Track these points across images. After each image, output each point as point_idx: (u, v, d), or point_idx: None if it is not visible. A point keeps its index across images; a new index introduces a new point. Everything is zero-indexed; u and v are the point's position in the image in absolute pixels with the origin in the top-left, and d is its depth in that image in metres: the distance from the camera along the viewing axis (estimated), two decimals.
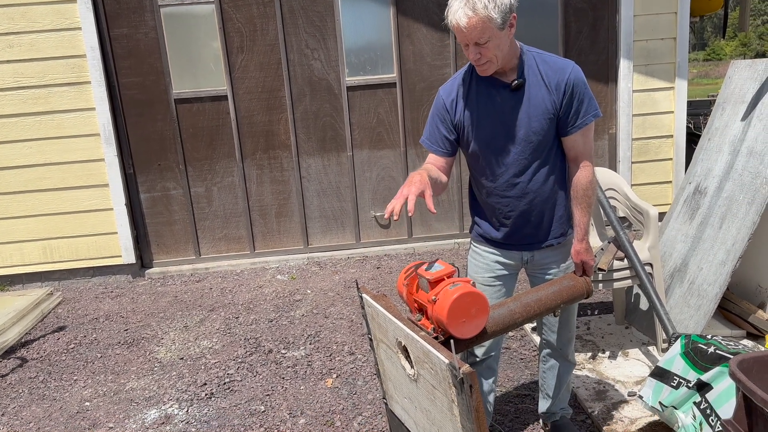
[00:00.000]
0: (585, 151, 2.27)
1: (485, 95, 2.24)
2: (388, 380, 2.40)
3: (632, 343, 3.58)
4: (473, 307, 1.93)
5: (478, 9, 2.00)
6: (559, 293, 2.26)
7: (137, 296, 5.02)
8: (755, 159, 3.31)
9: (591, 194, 2.28)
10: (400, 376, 2.21)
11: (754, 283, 3.55)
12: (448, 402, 1.83)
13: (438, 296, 1.94)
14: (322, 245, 5.69)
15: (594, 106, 2.23)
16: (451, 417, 1.85)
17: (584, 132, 2.24)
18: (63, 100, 5.06)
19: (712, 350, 2.39)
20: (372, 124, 5.50)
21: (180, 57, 5.24)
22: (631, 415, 2.86)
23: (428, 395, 1.99)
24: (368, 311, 2.31)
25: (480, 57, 2.10)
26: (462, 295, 1.90)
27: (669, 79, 5.41)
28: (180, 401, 3.34)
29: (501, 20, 2.03)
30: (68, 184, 5.18)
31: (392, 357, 2.20)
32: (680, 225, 3.75)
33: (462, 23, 2.02)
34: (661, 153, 5.57)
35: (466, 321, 1.93)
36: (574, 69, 2.20)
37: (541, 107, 2.20)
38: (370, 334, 2.37)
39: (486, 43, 2.06)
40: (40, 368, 3.85)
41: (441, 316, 1.91)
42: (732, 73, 3.78)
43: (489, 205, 2.38)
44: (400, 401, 2.32)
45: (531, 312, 2.20)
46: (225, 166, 5.47)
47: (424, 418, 2.12)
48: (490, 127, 2.25)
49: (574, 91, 2.18)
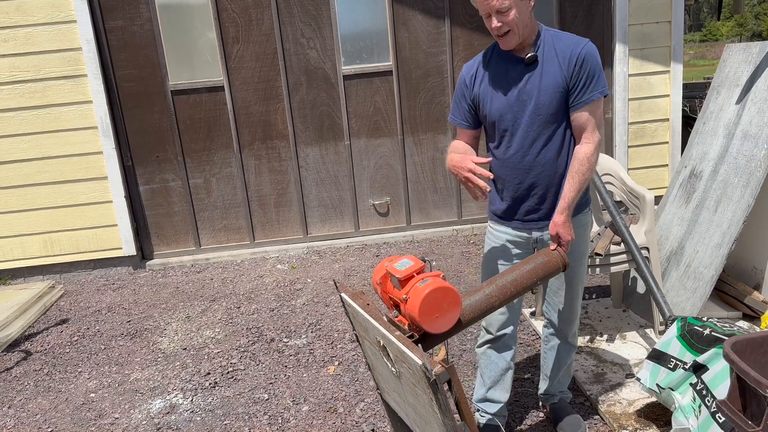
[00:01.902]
0: (591, 126, 2.27)
1: (502, 69, 2.34)
2: (377, 374, 2.42)
3: (629, 326, 3.62)
4: (444, 302, 1.93)
5: None
6: (534, 271, 2.23)
7: (139, 288, 5.05)
8: (750, 142, 3.33)
9: (584, 170, 2.26)
10: (385, 372, 2.21)
11: (749, 264, 3.59)
12: (428, 399, 1.84)
13: (409, 294, 1.93)
14: (321, 234, 5.72)
15: (603, 83, 2.27)
16: (433, 413, 1.86)
17: (591, 108, 2.25)
18: (60, 93, 5.06)
19: (708, 332, 2.42)
20: (369, 113, 5.51)
21: (176, 48, 5.24)
22: (629, 397, 2.91)
23: (411, 392, 2.00)
24: (349, 309, 2.32)
25: (501, 26, 2.19)
26: (432, 291, 1.90)
27: (664, 62, 5.42)
28: (184, 391, 3.39)
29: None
30: (67, 177, 5.20)
31: (376, 353, 2.21)
32: (676, 209, 3.78)
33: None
34: (657, 137, 5.60)
35: (438, 316, 1.93)
36: (588, 44, 2.26)
37: (551, 81, 2.25)
38: (355, 331, 2.38)
39: (507, 11, 2.15)
40: (44, 361, 3.89)
41: (413, 313, 1.91)
42: (726, 57, 3.79)
43: (499, 176, 2.44)
44: (391, 394, 2.35)
45: (507, 293, 2.18)
46: (223, 157, 5.48)
47: (412, 411, 2.14)
48: (502, 99, 2.33)
49: (585, 64, 2.22)
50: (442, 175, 5.65)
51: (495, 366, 2.58)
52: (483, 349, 2.60)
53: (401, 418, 2.37)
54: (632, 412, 2.80)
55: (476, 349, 2.66)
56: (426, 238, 5.64)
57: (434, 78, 5.45)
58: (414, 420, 2.18)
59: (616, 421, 2.75)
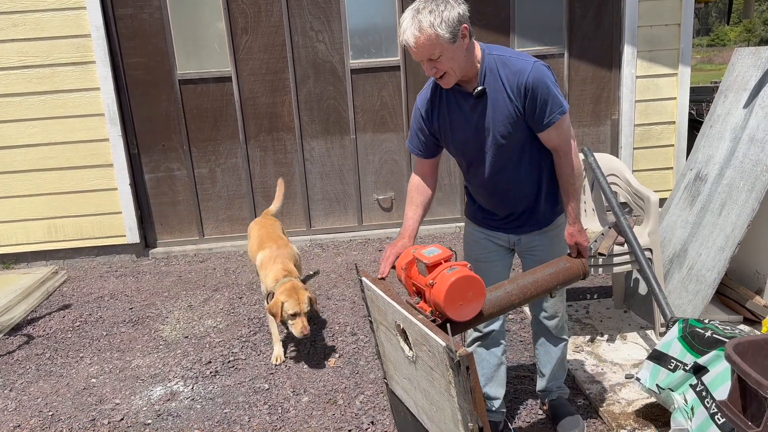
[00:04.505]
0: (562, 141, 2.28)
1: (454, 103, 2.30)
2: (388, 361, 2.44)
3: (630, 326, 3.63)
4: (470, 291, 1.96)
5: (424, 28, 2.02)
6: (556, 275, 2.29)
7: (141, 276, 5.07)
8: (756, 146, 3.33)
9: (575, 181, 2.32)
10: (399, 357, 2.25)
11: (752, 269, 3.60)
12: (445, 383, 1.87)
13: (435, 280, 1.96)
14: (324, 228, 5.73)
15: (558, 104, 2.20)
16: (449, 398, 1.88)
17: (556, 126, 2.24)
18: (68, 79, 5.07)
19: (709, 334, 2.43)
20: (375, 108, 5.51)
21: (184, 38, 5.24)
22: (628, 397, 2.92)
23: (427, 376, 2.03)
24: (367, 294, 2.35)
25: (436, 71, 2.13)
26: (459, 279, 1.93)
27: (672, 65, 5.42)
28: (185, 378, 3.40)
29: (450, 35, 2.04)
30: (73, 163, 5.21)
31: (391, 339, 2.24)
32: (680, 211, 3.78)
33: (411, 43, 2.06)
34: (663, 139, 5.59)
35: (463, 304, 1.96)
36: (534, 70, 2.17)
37: (504, 113, 2.22)
38: (370, 317, 2.41)
39: (439, 58, 2.08)
40: (46, 345, 3.91)
41: (438, 299, 1.94)
42: (735, 61, 3.79)
43: (476, 194, 2.52)
44: (400, 382, 2.37)
45: (528, 293, 2.23)
46: (229, 148, 5.49)
47: (423, 398, 2.16)
48: (461, 134, 2.32)
49: (535, 93, 2.17)
50: (445, 172, 5.65)
51: (486, 363, 2.61)
52: (473, 348, 2.62)
53: (408, 408, 2.39)
54: (631, 412, 2.81)
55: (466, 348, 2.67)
56: (429, 234, 5.65)
57: None
58: (423, 407, 2.20)
59: (614, 420, 2.76)
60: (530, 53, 5.41)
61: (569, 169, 2.31)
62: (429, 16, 2.02)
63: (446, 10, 2.04)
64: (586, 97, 5.54)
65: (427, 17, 2.02)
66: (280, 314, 3.27)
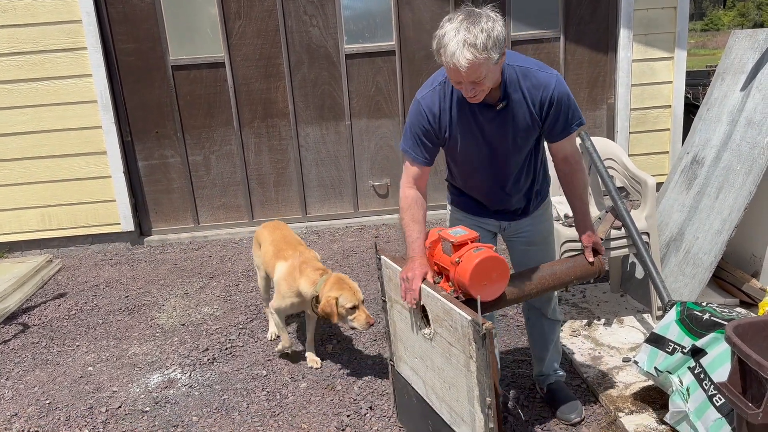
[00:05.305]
0: (573, 151, 2.33)
1: (469, 113, 2.21)
2: (398, 341, 2.46)
3: (627, 310, 3.64)
4: (494, 272, 2.02)
5: (478, 50, 1.90)
6: (573, 269, 2.36)
7: (137, 264, 5.05)
8: (753, 129, 3.33)
9: (586, 190, 2.43)
10: (412, 336, 2.28)
11: (748, 252, 3.60)
12: (465, 359, 1.92)
13: (462, 258, 2.02)
14: (320, 214, 5.71)
15: (577, 116, 2.23)
16: (466, 373, 1.94)
17: (570, 137, 2.28)
18: (59, 66, 5.01)
19: (707, 317, 2.43)
20: (370, 93, 5.47)
21: (177, 23, 5.18)
22: (626, 381, 2.93)
23: (443, 353, 2.07)
24: (385, 272, 2.39)
25: (475, 92, 2.04)
26: (486, 259, 1.99)
27: (668, 48, 5.39)
28: (183, 366, 3.39)
29: (498, 55, 1.97)
30: (66, 151, 5.17)
31: (407, 317, 2.28)
32: (677, 195, 3.78)
33: (462, 66, 1.92)
34: (659, 123, 5.58)
35: (487, 284, 2.01)
36: (557, 84, 2.15)
37: (524, 125, 2.22)
38: (384, 296, 2.45)
39: (483, 79, 1.99)
40: (42, 334, 3.89)
41: (463, 278, 2.00)
42: (732, 43, 3.77)
43: (469, 191, 2.51)
44: (410, 362, 2.39)
45: (545, 285, 2.31)
46: (223, 135, 5.45)
47: (435, 377, 2.19)
48: (473, 142, 2.27)
49: (558, 106, 2.17)
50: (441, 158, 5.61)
51: None
52: None
53: (414, 389, 2.41)
54: (629, 395, 2.82)
55: None
56: None
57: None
58: (433, 387, 2.22)
59: (612, 403, 2.77)
60: (526, 37, 5.41)
61: (583, 176, 2.37)
62: (481, 36, 1.90)
63: (494, 27, 1.93)
64: (582, 81, 5.51)
65: (480, 38, 1.89)
66: (335, 312, 2.89)
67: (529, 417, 2.75)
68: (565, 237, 3.30)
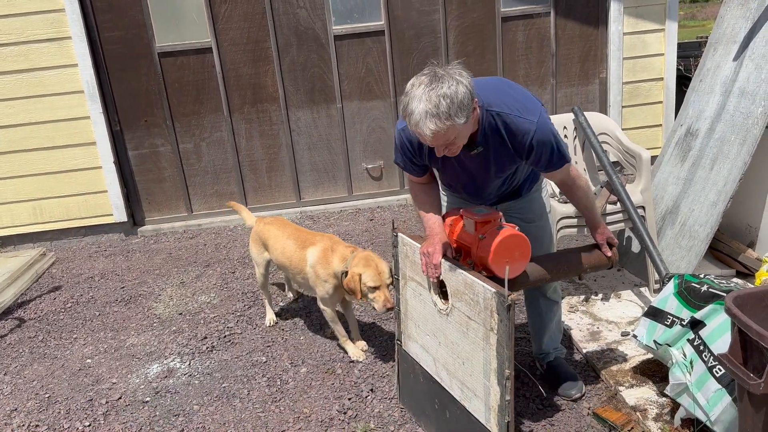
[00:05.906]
0: (564, 177, 2.33)
1: None
2: (408, 319, 2.49)
3: (624, 285, 3.64)
4: (517, 250, 2.05)
5: (441, 120, 1.87)
6: (588, 258, 2.40)
7: (131, 254, 5.02)
8: (747, 99, 3.31)
9: (590, 194, 2.44)
10: (425, 313, 2.33)
11: (744, 223, 3.61)
12: (484, 331, 1.97)
13: (486, 234, 2.04)
14: (314, 199, 5.68)
15: (562, 157, 2.17)
16: (484, 346, 1.98)
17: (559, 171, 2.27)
18: (44, 56, 4.93)
19: (705, 289, 2.43)
20: (361, 75, 5.42)
21: (162, 9, 5.10)
22: (625, 354, 2.94)
23: (460, 327, 2.11)
24: (402, 249, 2.42)
25: (447, 150, 2.02)
26: (510, 236, 2.02)
27: (659, 20, 5.35)
28: (182, 355, 3.38)
29: (465, 117, 1.92)
30: (55, 143, 5.11)
31: (422, 293, 2.31)
32: (672, 167, 3.77)
33: (427, 136, 1.91)
34: (651, 96, 5.56)
35: (509, 261, 2.03)
36: (538, 131, 2.08)
37: (506, 160, 2.21)
38: (397, 275, 2.47)
39: (453, 140, 1.97)
40: (38, 328, 3.87)
41: (486, 254, 2.02)
42: (724, 13, 3.74)
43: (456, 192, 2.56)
44: (420, 339, 2.41)
45: (561, 271, 2.35)
46: (213, 121, 5.40)
47: (448, 352, 2.22)
48: (454, 174, 2.34)
49: (539, 150, 2.12)
50: None
51: None
52: None
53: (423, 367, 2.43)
54: (628, 369, 2.83)
55: None
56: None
57: (427, 38, 5.36)
58: (445, 363, 2.26)
59: (612, 378, 2.77)
60: (516, 12, 5.33)
61: (581, 192, 2.39)
62: (444, 103, 1.85)
63: (457, 90, 1.87)
64: (573, 56, 5.47)
65: (442, 105, 1.85)
66: (359, 289, 2.87)
67: (530, 394, 2.76)
68: (561, 214, 3.29)
